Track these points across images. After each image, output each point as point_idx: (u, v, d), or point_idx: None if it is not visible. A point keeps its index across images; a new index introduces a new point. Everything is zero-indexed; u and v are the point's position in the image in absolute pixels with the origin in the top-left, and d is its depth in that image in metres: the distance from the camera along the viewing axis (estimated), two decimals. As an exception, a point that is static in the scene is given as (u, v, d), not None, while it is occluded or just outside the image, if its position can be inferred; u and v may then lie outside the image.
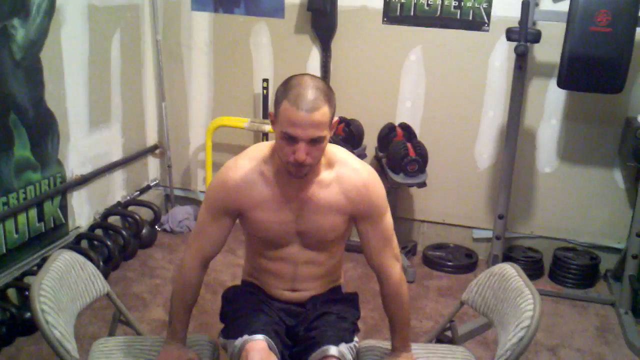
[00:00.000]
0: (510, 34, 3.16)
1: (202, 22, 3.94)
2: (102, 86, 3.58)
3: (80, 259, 1.90)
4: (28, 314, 2.76)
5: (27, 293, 2.86)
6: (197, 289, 1.91)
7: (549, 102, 3.56)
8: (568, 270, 3.57)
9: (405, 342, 1.94)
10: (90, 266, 1.94)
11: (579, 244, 3.74)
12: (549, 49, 3.37)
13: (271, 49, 3.88)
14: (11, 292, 2.87)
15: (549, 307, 3.30)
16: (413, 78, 3.71)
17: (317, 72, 3.79)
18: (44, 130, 3.09)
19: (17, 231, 2.97)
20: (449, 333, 2.19)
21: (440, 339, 2.28)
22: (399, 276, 1.90)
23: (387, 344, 2.02)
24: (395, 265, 1.89)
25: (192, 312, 1.93)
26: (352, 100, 3.79)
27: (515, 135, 3.36)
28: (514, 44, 3.16)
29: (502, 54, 3.54)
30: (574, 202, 3.69)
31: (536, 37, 3.14)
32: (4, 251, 2.89)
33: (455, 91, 3.68)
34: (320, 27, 3.71)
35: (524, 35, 3.11)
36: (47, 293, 1.59)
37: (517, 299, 1.76)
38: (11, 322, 2.74)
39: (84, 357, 1.98)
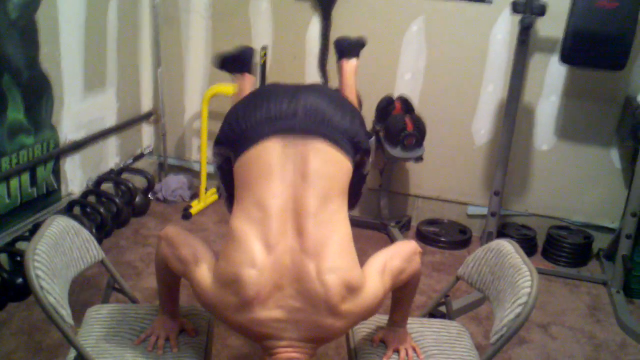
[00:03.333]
0: (515, 6, 3.12)
1: (200, -14, 3.87)
2: (98, 50, 3.52)
3: (75, 225, 1.88)
4: (20, 280, 2.74)
5: (18, 258, 2.84)
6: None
7: (550, 78, 3.53)
8: (561, 248, 3.58)
9: (405, 319, 1.93)
10: (84, 232, 1.91)
11: (572, 223, 3.75)
12: (552, 24, 3.33)
13: (271, 15, 3.82)
14: (3, 258, 2.84)
15: (541, 285, 3.27)
16: (414, 50, 3.66)
17: (317, 41, 3.74)
18: (38, 93, 3.04)
19: (9, 196, 2.93)
20: (442, 308, 2.19)
21: (433, 313, 2.28)
22: (419, 267, 1.79)
23: (379, 317, 2.01)
24: (412, 263, 1.76)
25: (185, 282, 1.91)
26: (351, 72, 3.74)
27: (514, 111, 3.34)
28: (517, 17, 3.13)
29: (504, 27, 3.50)
30: (569, 180, 3.68)
31: (542, 10, 3.10)
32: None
33: (456, 64, 3.64)
34: (322, -5, 3.65)
35: (529, 8, 3.06)
36: (41, 259, 1.56)
37: (514, 275, 1.75)
38: (3, 288, 2.72)
39: (77, 324, 1.97)
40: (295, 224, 1.57)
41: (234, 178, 1.73)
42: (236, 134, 1.71)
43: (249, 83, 2.35)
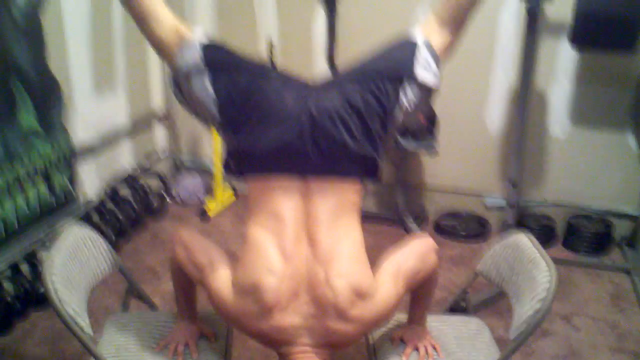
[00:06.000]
0: (521, -7, 3.07)
1: (204, -21, 3.88)
2: (106, 51, 3.52)
3: (92, 234, 1.89)
4: (42, 289, 2.77)
5: (39, 268, 2.87)
6: None
7: (561, 62, 3.48)
8: (582, 237, 3.54)
9: (424, 316, 1.92)
10: (101, 241, 1.92)
11: (593, 211, 3.69)
12: (561, 6, 3.26)
13: (276, 6, 3.82)
14: (24, 268, 2.86)
15: (562, 275, 3.26)
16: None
17: (323, 32, 3.73)
18: (48, 97, 3.04)
19: (27, 207, 2.95)
20: (462, 303, 2.18)
21: (453, 309, 2.27)
22: (436, 265, 1.78)
23: (399, 316, 2.00)
24: (428, 262, 1.75)
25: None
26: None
27: (526, 98, 3.28)
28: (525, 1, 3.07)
29: (512, 12, 3.46)
30: (587, 167, 3.64)
31: (547, -6, 3.05)
32: (16, 227, 2.88)
33: (464, 52, 3.57)
34: (326, -15, 3.62)
35: (535, -6, 3.01)
36: (58, 271, 1.58)
37: (532, 270, 1.74)
38: (25, 297, 2.75)
39: (98, 331, 1.99)
40: (308, 234, 1.58)
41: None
42: (246, 157, 1.64)
43: None
